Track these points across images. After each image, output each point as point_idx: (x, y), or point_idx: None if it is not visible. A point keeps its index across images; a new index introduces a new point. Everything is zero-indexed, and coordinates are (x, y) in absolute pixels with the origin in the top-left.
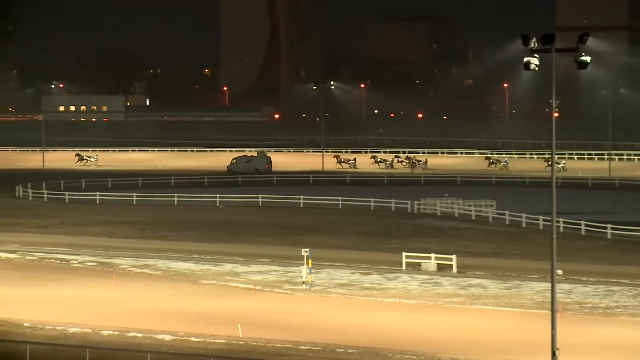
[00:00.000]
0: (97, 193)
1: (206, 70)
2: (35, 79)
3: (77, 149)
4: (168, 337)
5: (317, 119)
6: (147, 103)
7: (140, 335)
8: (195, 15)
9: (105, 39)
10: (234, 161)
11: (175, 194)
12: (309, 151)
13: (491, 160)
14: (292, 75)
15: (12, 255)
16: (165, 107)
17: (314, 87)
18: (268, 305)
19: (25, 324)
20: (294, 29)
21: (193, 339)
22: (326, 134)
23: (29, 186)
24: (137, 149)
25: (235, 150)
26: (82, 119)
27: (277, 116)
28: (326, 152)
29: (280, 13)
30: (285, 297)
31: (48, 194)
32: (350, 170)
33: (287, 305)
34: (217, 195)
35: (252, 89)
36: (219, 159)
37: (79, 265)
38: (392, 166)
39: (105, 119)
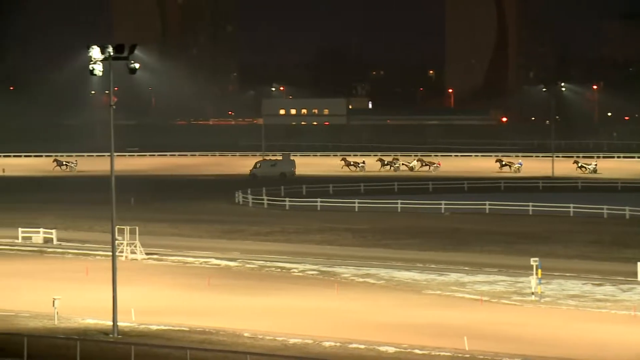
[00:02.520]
0: (318, 199)
1: (430, 72)
2: (255, 82)
3: (299, 154)
4: (391, 349)
5: (547, 122)
6: (370, 106)
7: (362, 347)
8: (419, 15)
9: (327, 40)
10: (258, 165)
11: (399, 201)
12: (538, 156)
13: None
14: (521, 77)
15: (232, 264)
16: (388, 110)
17: (544, 89)
18: (495, 316)
19: (246, 334)
20: (523, 28)
21: (417, 351)
22: (556, 137)
23: (249, 192)
24: (359, 153)
25: (461, 155)
26: (302, 123)
27: (504, 119)
28: (556, 157)
29: (508, 12)
30: (514, 309)
31: (268, 200)
32: (360, 173)
33: (515, 317)
34: (442, 202)
35: (478, 90)
36: (444, 164)
37: (300, 274)
38: (398, 169)
39: (327, 123)
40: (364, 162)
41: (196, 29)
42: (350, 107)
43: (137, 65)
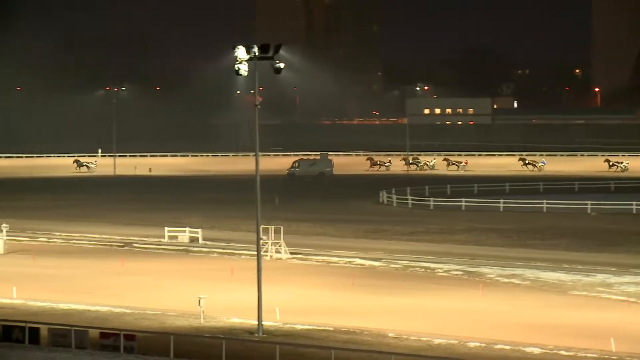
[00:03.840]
0: (463, 199)
1: (577, 71)
2: (400, 81)
3: (443, 153)
4: (537, 350)
5: None
6: (515, 105)
7: (507, 347)
8: (565, 14)
9: (472, 39)
10: (296, 165)
11: (544, 201)
12: None
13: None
14: None
15: (376, 263)
16: (534, 109)
17: None
18: None
19: (390, 334)
20: None
21: (563, 352)
22: None
23: (393, 192)
24: (504, 153)
25: (608, 155)
26: (447, 122)
27: None
28: None
29: None
30: None
31: (412, 200)
32: (384, 172)
33: None
34: (588, 202)
35: (625, 90)
36: (589, 164)
37: (444, 274)
38: (423, 167)
39: (471, 122)
40: (389, 162)
41: (341, 29)
42: (495, 106)
43: (282, 65)
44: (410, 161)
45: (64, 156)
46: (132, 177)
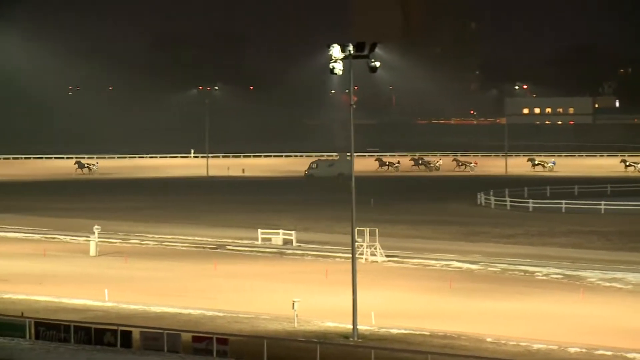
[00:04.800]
0: (563, 201)
1: None
2: (498, 80)
3: (543, 154)
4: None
5: None
6: (617, 104)
7: (609, 353)
8: None
9: (572, 37)
10: (315, 166)
11: None
12: None
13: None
14: None
15: (473, 266)
16: (636, 108)
17: None
18: None
19: (488, 339)
20: None
21: None
22: None
23: (491, 193)
24: (605, 154)
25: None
26: (546, 122)
27: None
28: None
29: None
30: None
31: (511, 201)
32: (393, 174)
33: None
34: None
35: None
36: None
37: (544, 277)
38: (433, 168)
39: (572, 122)
40: (398, 162)
41: (439, 26)
42: (596, 105)
43: (377, 64)
44: (420, 162)
45: (156, 157)
46: (225, 178)
